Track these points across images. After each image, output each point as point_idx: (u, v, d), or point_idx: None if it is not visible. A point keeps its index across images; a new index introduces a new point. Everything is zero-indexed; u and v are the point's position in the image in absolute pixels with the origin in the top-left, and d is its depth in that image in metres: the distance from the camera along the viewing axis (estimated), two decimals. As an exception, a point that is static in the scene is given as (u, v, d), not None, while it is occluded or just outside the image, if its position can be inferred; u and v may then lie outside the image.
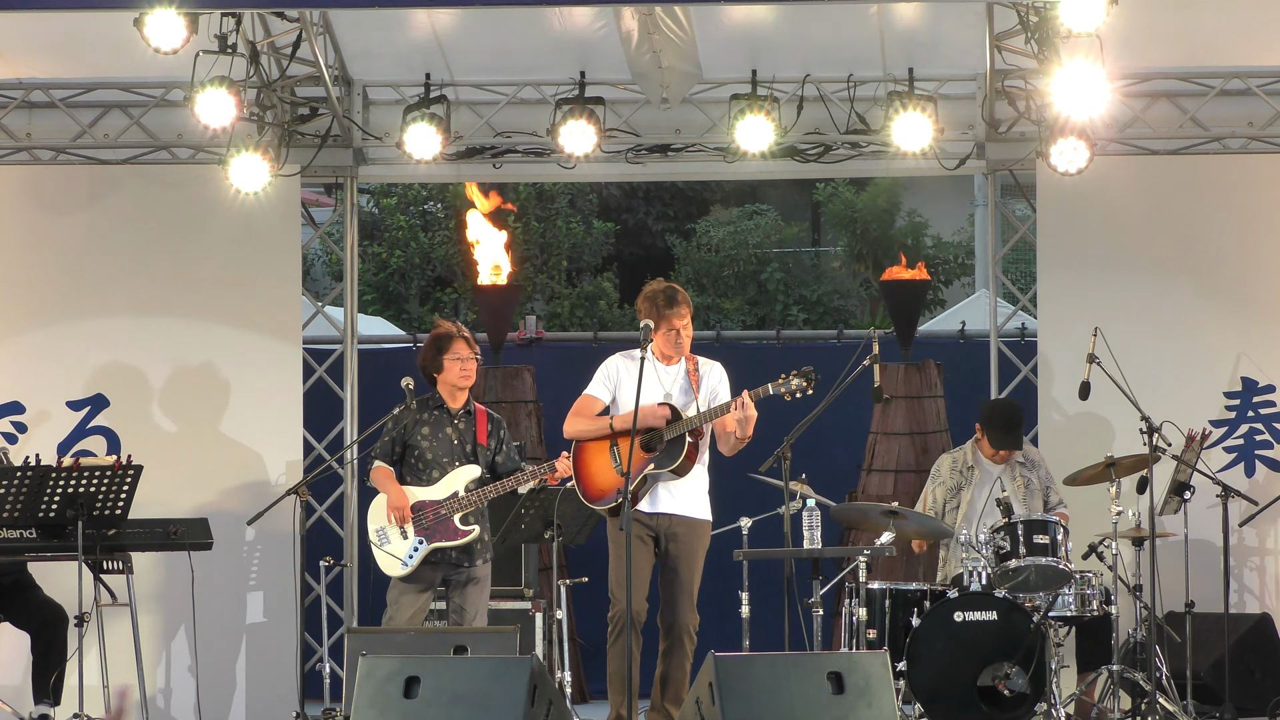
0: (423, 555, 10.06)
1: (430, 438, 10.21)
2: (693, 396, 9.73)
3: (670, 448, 9.65)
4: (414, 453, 10.22)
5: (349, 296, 12.75)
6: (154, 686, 11.86)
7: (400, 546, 10.09)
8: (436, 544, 10.09)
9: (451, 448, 10.21)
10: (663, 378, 9.79)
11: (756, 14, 11.36)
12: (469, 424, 10.27)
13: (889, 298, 13.43)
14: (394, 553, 10.09)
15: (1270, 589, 11.95)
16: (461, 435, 10.24)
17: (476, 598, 10.21)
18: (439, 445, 10.20)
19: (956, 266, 25.04)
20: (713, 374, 9.86)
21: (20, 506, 9.88)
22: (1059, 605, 10.44)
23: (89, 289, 12.16)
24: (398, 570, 10.12)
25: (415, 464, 10.21)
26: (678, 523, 9.70)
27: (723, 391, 9.81)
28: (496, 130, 12.35)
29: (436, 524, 10.09)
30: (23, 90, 12.06)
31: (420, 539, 10.09)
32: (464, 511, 10.10)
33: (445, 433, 10.23)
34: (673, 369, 9.83)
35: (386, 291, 24.44)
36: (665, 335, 9.77)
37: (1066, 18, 9.84)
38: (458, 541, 10.10)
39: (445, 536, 10.09)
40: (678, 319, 9.77)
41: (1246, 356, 12.00)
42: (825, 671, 8.15)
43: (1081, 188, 11.72)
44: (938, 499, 11.21)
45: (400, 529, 10.09)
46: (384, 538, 10.13)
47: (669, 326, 9.76)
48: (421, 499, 10.12)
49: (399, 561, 10.10)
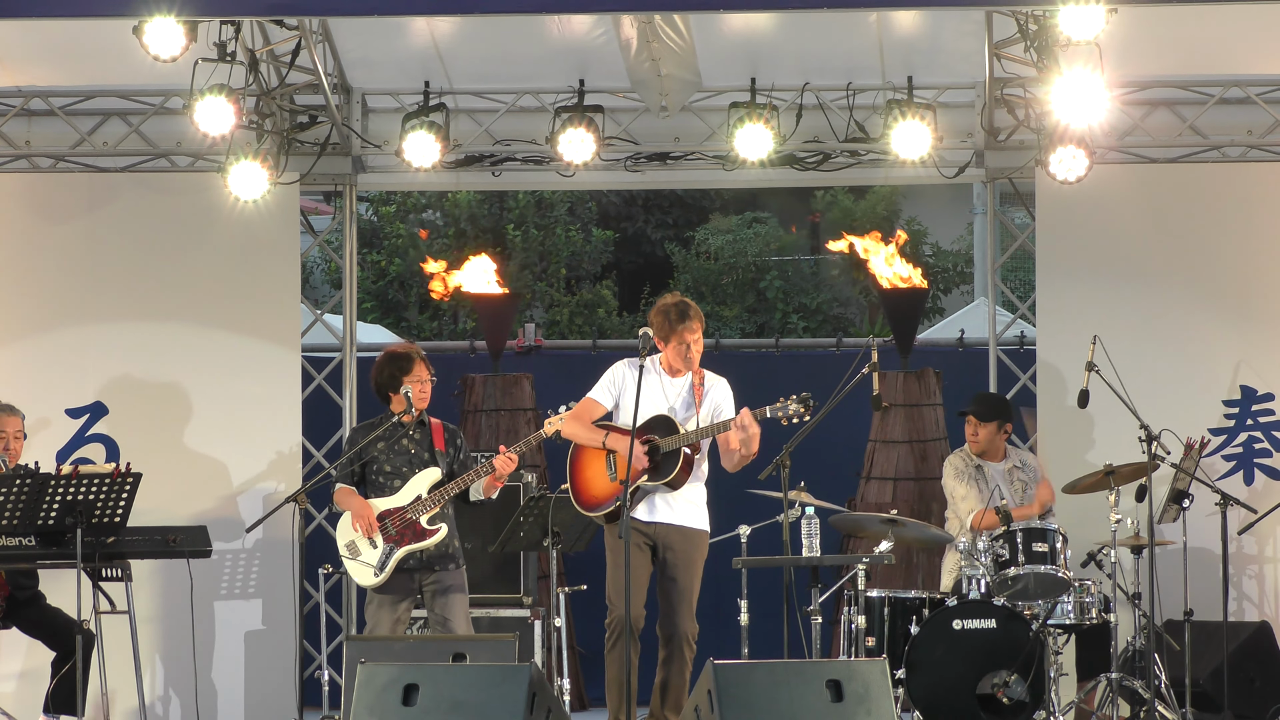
0: (395, 561, 10.06)
1: (387, 451, 10.19)
2: (694, 410, 9.73)
3: (665, 460, 9.64)
4: (373, 467, 10.21)
5: (348, 304, 12.75)
6: (153, 694, 11.85)
7: (371, 555, 10.10)
8: (407, 547, 10.09)
9: (410, 457, 10.20)
10: (667, 390, 9.78)
11: (755, 22, 11.37)
12: (424, 434, 10.25)
13: (888, 306, 13.43)
14: (367, 561, 10.09)
15: (1269, 597, 11.95)
16: (418, 445, 10.23)
17: (458, 605, 10.20)
18: (397, 456, 10.19)
19: (955, 274, 25.05)
20: (717, 390, 9.83)
21: (19, 514, 9.88)
22: (1058, 613, 10.43)
23: (88, 297, 12.16)
24: (371, 579, 10.11)
25: (376, 478, 10.20)
26: (675, 532, 9.69)
27: (726, 409, 9.78)
28: (496, 138, 12.35)
29: (404, 528, 10.10)
30: (22, 98, 12.06)
31: (390, 545, 10.10)
32: (429, 513, 10.11)
33: (401, 444, 10.20)
34: (678, 381, 9.82)
35: (385, 299, 24.45)
36: (676, 348, 9.76)
37: (1066, 26, 9.85)
38: (427, 542, 10.08)
39: (413, 539, 10.09)
40: (689, 333, 9.76)
41: (1246, 364, 12.00)
42: (824, 679, 8.14)
43: (1080, 196, 11.73)
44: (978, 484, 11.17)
45: (369, 539, 10.10)
46: (354, 550, 10.15)
47: (680, 340, 9.74)
48: (386, 508, 10.13)
49: (372, 570, 10.09)
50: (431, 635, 10.15)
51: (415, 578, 10.13)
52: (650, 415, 9.64)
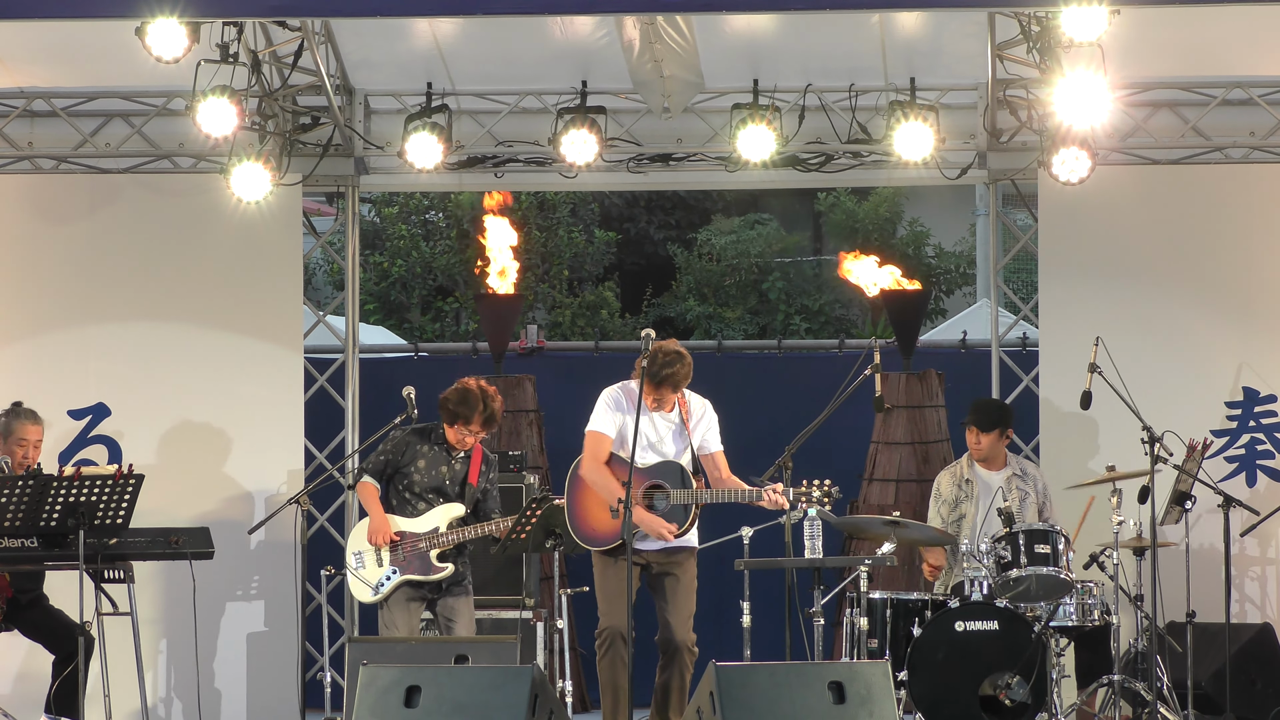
0: (393, 586, 10.15)
1: (425, 471, 10.29)
2: (687, 441, 9.75)
3: (674, 512, 9.65)
4: (403, 481, 10.28)
5: (350, 306, 12.75)
6: (155, 696, 11.85)
7: (373, 574, 10.18)
8: (409, 577, 10.18)
9: (443, 485, 10.28)
10: (657, 424, 9.77)
11: (758, 23, 11.37)
12: (464, 465, 10.34)
13: (890, 307, 13.42)
14: (366, 579, 10.18)
15: (1271, 599, 11.94)
16: (455, 474, 10.30)
17: (462, 608, 10.30)
18: (431, 480, 10.28)
19: (958, 276, 25.04)
20: (704, 419, 9.84)
21: (21, 516, 9.88)
22: (1060, 615, 10.43)
23: (90, 298, 12.16)
24: (367, 596, 10.26)
25: (403, 493, 10.28)
26: (667, 553, 9.71)
27: (711, 440, 9.81)
28: (498, 139, 12.35)
29: (413, 556, 10.19)
30: (24, 99, 12.06)
31: (394, 569, 10.19)
32: (441, 549, 10.17)
33: (440, 470, 10.30)
34: (667, 415, 9.80)
35: (388, 301, 24.45)
36: (654, 400, 9.72)
37: (1068, 27, 9.84)
38: (430, 577, 10.20)
39: (419, 571, 10.20)
40: (667, 397, 9.72)
41: (1248, 366, 12.00)
42: (826, 681, 8.15)
43: (1083, 197, 11.73)
44: (943, 517, 11.22)
45: (377, 554, 10.15)
46: (360, 562, 10.21)
47: (661, 399, 9.72)
48: (403, 530, 10.18)
49: (369, 588, 10.19)
50: (433, 637, 10.16)
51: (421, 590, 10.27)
52: (657, 461, 9.70)
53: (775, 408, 13.56)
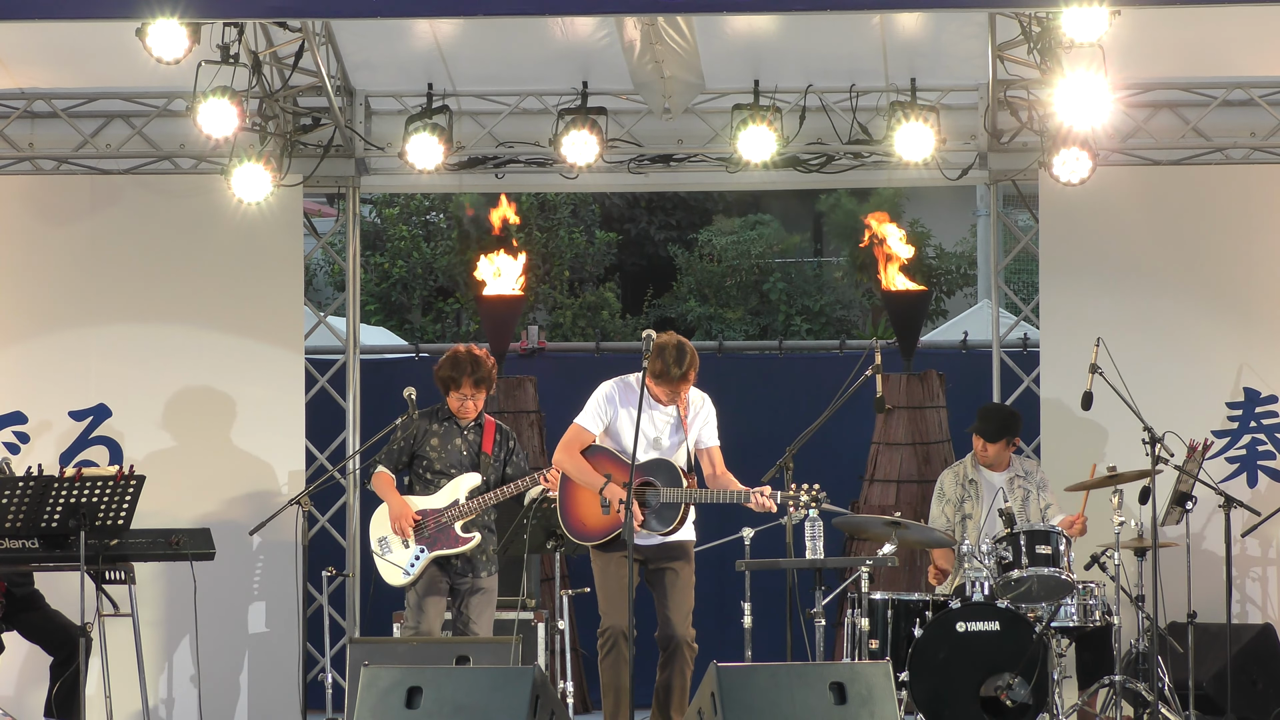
0: (424, 564, 10.11)
1: (440, 449, 10.28)
2: (683, 436, 9.72)
3: (665, 510, 9.62)
4: (422, 463, 10.28)
5: (351, 306, 12.75)
6: (156, 697, 11.86)
7: (402, 556, 10.14)
8: (438, 552, 10.14)
9: (460, 458, 10.27)
10: (655, 418, 9.73)
11: (759, 24, 11.37)
12: (477, 435, 10.32)
13: (891, 308, 13.42)
14: (396, 562, 10.15)
15: (1273, 599, 11.94)
16: (470, 446, 10.29)
17: (483, 609, 10.27)
18: (448, 455, 10.26)
19: (959, 277, 25.06)
20: (701, 414, 9.80)
21: (23, 517, 9.88)
22: (1061, 616, 10.43)
23: (91, 299, 12.16)
24: (399, 579, 10.17)
25: (424, 474, 10.27)
26: (664, 549, 9.70)
27: (707, 435, 9.77)
28: (499, 140, 12.35)
29: (438, 532, 10.15)
30: (25, 100, 12.06)
31: (421, 548, 10.14)
32: (464, 520, 10.14)
33: (455, 443, 10.29)
34: (665, 408, 9.76)
35: (389, 302, 24.47)
36: (666, 393, 9.64)
37: (1069, 28, 9.85)
38: (458, 549, 10.15)
39: (446, 544, 10.14)
40: (683, 386, 9.64)
41: (1249, 367, 12.00)
42: (828, 682, 8.15)
43: (1084, 198, 11.73)
44: (948, 516, 11.21)
45: (402, 540, 10.14)
46: (386, 547, 10.18)
47: (672, 390, 9.63)
48: (423, 508, 10.17)
49: (400, 570, 10.15)
50: (435, 637, 10.16)
51: (447, 577, 10.22)
52: (651, 458, 9.66)
53: (776, 408, 13.57)
